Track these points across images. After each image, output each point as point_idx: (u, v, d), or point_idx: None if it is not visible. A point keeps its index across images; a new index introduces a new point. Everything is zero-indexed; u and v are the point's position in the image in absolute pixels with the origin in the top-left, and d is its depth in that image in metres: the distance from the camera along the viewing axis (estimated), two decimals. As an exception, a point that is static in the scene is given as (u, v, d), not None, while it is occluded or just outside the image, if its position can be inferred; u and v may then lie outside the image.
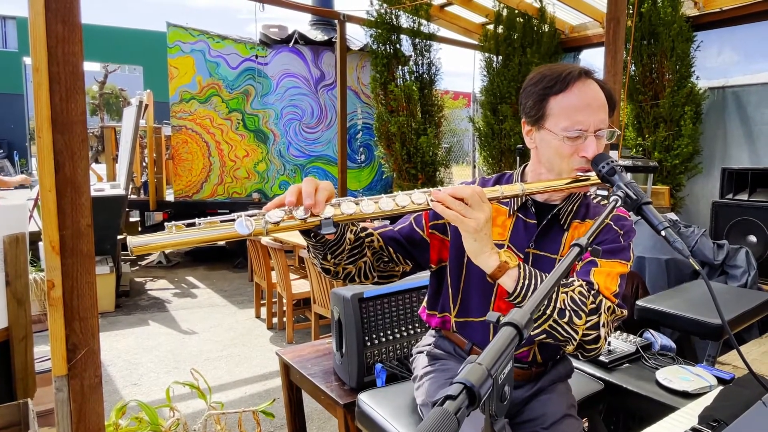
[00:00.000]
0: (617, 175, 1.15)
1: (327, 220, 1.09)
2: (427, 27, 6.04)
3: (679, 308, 2.50)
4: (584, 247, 0.94)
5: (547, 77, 1.27)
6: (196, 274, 6.44)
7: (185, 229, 1.01)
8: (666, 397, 1.78)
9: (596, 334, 1.16)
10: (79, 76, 1.59)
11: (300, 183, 1.11)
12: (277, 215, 1.06)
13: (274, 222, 1.05)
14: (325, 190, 1.10)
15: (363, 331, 1.98)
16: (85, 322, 1.68)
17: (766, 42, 5.00)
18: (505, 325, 0.72)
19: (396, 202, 1.14)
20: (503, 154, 6.26)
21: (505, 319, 0.72)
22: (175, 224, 1.00)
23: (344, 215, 1.11)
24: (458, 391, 0.60)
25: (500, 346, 0.68)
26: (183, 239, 1.00)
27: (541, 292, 0.82)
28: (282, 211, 1.07)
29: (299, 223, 1.08)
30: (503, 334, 0.70)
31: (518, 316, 0.72)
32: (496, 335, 0.71)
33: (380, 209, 1.13)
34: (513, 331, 0.71)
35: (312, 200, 1.07)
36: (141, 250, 0.97)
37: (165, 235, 1.00)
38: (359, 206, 1.12)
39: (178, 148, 6.66)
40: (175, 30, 6.52)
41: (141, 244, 0.97)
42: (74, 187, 1.61)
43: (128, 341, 4.25)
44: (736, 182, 4.17)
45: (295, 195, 1.08)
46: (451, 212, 1.11)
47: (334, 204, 1.11)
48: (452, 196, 1.13)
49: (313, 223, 1.09)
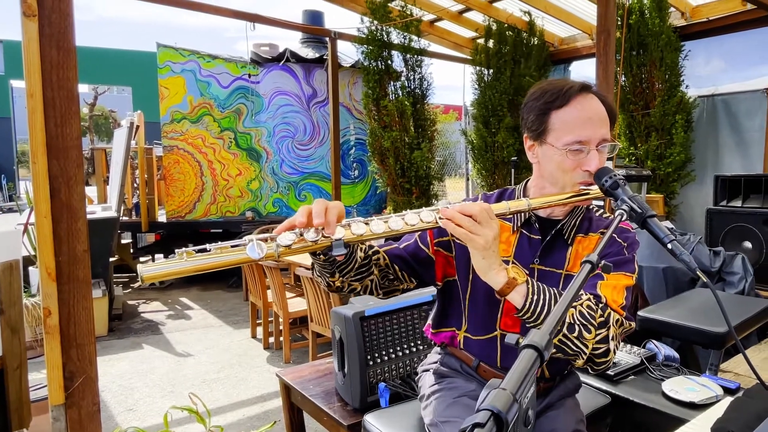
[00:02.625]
0: (620, 188, 1.15)
1: (338, 242, 1.09)
2: (417, 42, 6.08)
3: (681, 318, 2.49)
4: (596, 263, 0.93)
5: (548, 92, 1.28)
6: (189, 294, 6.37)
7: (196, 255, 1.00)
8: (673, 408, 1.77)
9: (606, 347, 1.17)
10: (74, 100, 1.59)
11: (310, 204, 1.11)
12: (289, 238, 1.05)
13: (286, 245, 1.05)
14: (335, 209, 1.09)
15: (365, 350, 1.96)
16: (83, 349, 1.66)
17: (752, 50, 5.07)
18: (526, 347, 0.71)
19: (405, 221, 1.14)
20: (497, 167, 6.28)
21: (526, 341, 0.71)
22: (186, 251, 1.00)
23: (355, 236, 1.11)
24: (486, 419, 0.58)
25: (523, 369, 0.67)
26: (194, 266, 0.99)
27: (558, 312, 0.81)
28: (293, 233, 1.07)
29: (310, 245, 1.08)
30: (525, 357, 0.69)
31: (538, 337, 0.71)
32: (518, 358, 0.69)
33: (390, 229, 1.13)
34: (534, 354, 0.70)
35: (322, 219, 1.07)
36: (152, 278, 0.95)
37: (176, 262, 0.99)
38: (369, 226, 1.12)
39: (169, 169, 6.62)
40: (165, 50, 6.52)
41: (152, 272, 0.96)
42: (70, 212, 1.60)
43: (122, 366, 4.17)
44: (729, 189, 4.19)
45: (305, 215, 1.08)
46: (461, 230, 1.12)
47: (344, 225, 1.11)
48: (461, 213, 1.13)
49: (324, 244, 1.09)
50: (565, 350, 1.16)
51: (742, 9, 4.91)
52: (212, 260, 1.00)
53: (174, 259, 0.99)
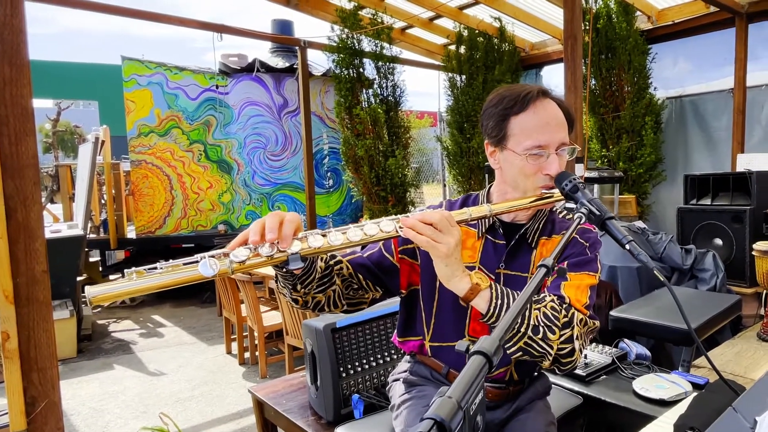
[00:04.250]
0: (580, 192, 1.19)
1: (294, 255, 1.07)
2: (389, 50, 6.06)
3: (652, 316, 2.52)
4: (550, 267, 0.96)
5: (506, 98, 1.30)
6: (161, 312, 6.20)
7: (147, 274, 0.96)
8: (643, 406, 1.80)
9: (571, 347, 1.18)
10: (28, 117, 1.54)
11: (265, 216, 1.08)
12: (243, 254, 1.03)
13: (240, 261, 1.02)
14: (291, 223, 1.08)
15: (337, 362, 1.94)
16: (44, 372, 1.59)
17: (717, 52, 5.17)
18: (475, 354, 0.72)
19: (364, 232, 1.13)
20: (472, 172, 6.29)
21: (474, 348, 0.73)
22: (135, 270, 0.96)
23: (312, 249, 1.09)
24: (428, 428, 0.59)
25: (470, 376, 0.68)
26: (144, 285, 0.96)
27: (510, 316, 0.83)
28: (247, 249, 1.05)
29: (265, 260, 1.06)
30: (473, 363, 0.71)
31: (487, 344, 0.73)
32: (466, 365, 0.71)
33: (349, 240, 1.11)
34: (482, 360, 0.71)
35: (275, 235, 1.05)
36: (100, 300, 0.90)
37: (125, 282, 0.95)
38: (327, 238, 1.10)
39: (138, 183, 6.46)
40: (130, 63, 6.38)
41: (100, 293, 0.91)
42: (28, 232, 1.53)
43: (92, 387, 4.02)
44: (698, 188, 4.27)
45: (258, 233, 1.06)
46: (423, 238, 1.12)
47: (300, 237, 1.09)
48: (421, 221, 1.13)
49: (279, 258, 1.07)
50: (531, 352, 1.17)
51: (705, 11, 5.02)
52: (163, 279, 0.97)
53: (123, 279, 0.96)
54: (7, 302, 1.46)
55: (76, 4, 4.80)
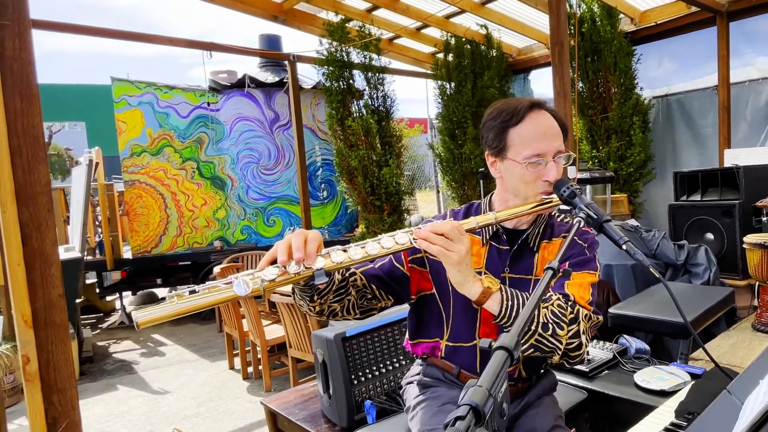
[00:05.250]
0: (578, 197, 1.27)
1: (319, 271, 1.15)
2: (378, 61, 6.12)
3: (649, 312, 2.59)
4: (556, 269, 1.04)
5: (504, 111, 1.39)
6: (161, 330, 6.18)
7: (187, 297, 1.04)
8: (645, 398, 1.87)
9: (578, 341, 1.27)
10: (40, 147, 1.58)
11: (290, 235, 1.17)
12: (272, 273, 1.11)
13: (270, 279, 1.10)
14: (314, 241, 1.16)
15: (349, 370, 1.99)
16: (64, 393, 1.62)
17: (700, 50, 5.27)
18: (498, 349, 0.80)
19: (382, 245, 1.21)
20: (465, 178, 6.34)
21: (497, 344, 0.81)
22: (176, 293, 1.05)
23: (335, 264, 1.17)
24: (466, 412, 0.67)
25: (496, 367, 0.76)
26: (187, 307, 1.03)
27: (525, 315, 0.90)
28: (276, 268, 1.12)
29: (293, 276, 1.13)
30: (497, 357, 0.79)
31: (507, 340, 0.81)
32: (491, 359, 0.78)
33: (368, 254, 1.20)
34: (505, 354, 0.79)
35: (302, 253, 1.13)
36: (147, 323, 0.97)
37: (168, 305, 1.03)
38: (348, 253, 1.18)
39: (132, 203, 6.46)
40: (120, 84, 6.39)
41: (147, 317, 0.98)
42: (43, 258, 1.57)
43: (97, 409, 4.00)
44: (688, 184, 4.33)
45: (285, 252, 1.14)
46: (436, 247, 1.20)
47: (324, 254, 1.17)
48: (434, 232, 1.21)
49: (306, 275, 1.15)
50: (542, 348, 1.24)
51: (687, 12, 5.13)
52: (202, 300, 1.04)
53: (166, 303, 1.02)
54: (27, 326, 1.48)
55: (72, 29, 4.82)
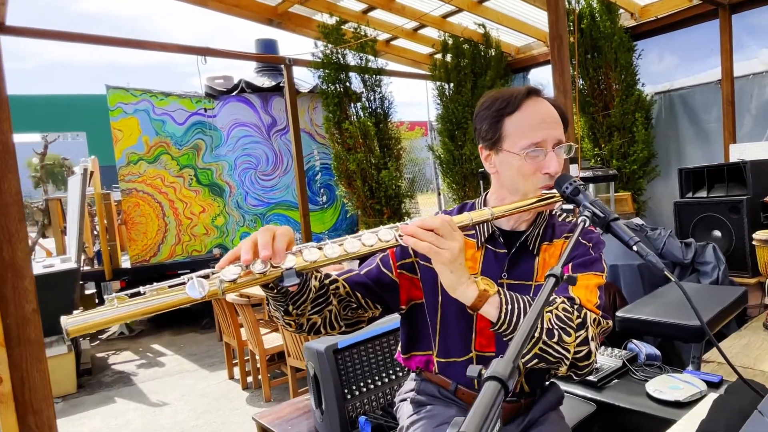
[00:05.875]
0: (582, 194, 1.15)
1: (289, 271, 0.99)
2: (375, 62, 6.04)
3: (659, 314, 2.48)
4: (559, 276, 0.91)
5: (498, 100, 1.27)
6: (161, 340, 6.11)
7: (129, 300, 0.88)
8: (659, 409, 1.74)
9: (587, 349, 1.13)
10: (10, 154, 1.48)
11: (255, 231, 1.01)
12: (233, 272, 0.95)
13: (230, 280, 0.94)
14: (283, 236, 1.01)
15: (342, 384, 1.88)
16: (40, 414, 1.52)
17: (702, 44, 5.18)
18: (488, 380, 0.67)
19: (362, 242, 1.05)
20: (466, 179, 6.26)
21: (488, 373, 0.68)
22: (117, 296, 0.87)
23: (307, 263, 1.01)
24: None
25: (485, 405, 0.63)
26: (128, 312, 0.88)
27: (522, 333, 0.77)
28: (238, 266, 0.96)
29: (258, 277, 0.97)
30: (487, 391, 0.65)
31: (501, 367, 0.68)
32: (480, 392, 0.65)
33: (346, 251, 1.04)
34: (497, 386, 0.66)
35: (269, 251, 0.97)
36: (78, 331, 0.82)
37: (105, 310, 0.86)
38: (323, 251, 1.03)
39: (129, 212, 6.39)
40: (115, 92, 6.33)
41: (77, 324, 0.83)
42: (15, 271, 1.46)
43: (94, 423, 3.92)
44: (693, 181, 4.26)
45: (250, 251, 0.98)
46: (424, 244, 1.05)
47: (295, 252, 1.02)
48: (421, 227, 1.07)
49: (274, 275, 0.99)
50: (547, 358, 1.11)
51: (688, 5, 5.04)
52: (147, 304, 0.89)
53: (103, 306, 0.86)
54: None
55: (60, 36, 4.76)
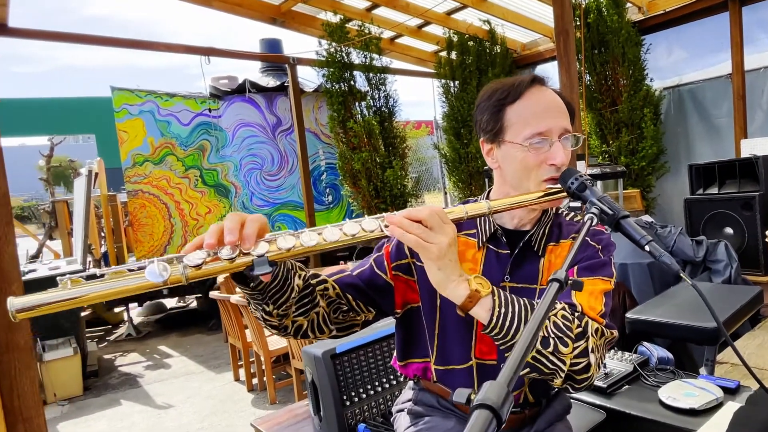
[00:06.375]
0: (588, 190, 1.07)
1: (260, 258, 0.90)
2: (379, 61, 6.00)
3: (671, 316, 2.40)
4: (563, 281, 0.84)
5: (499, 90, 1.20)
6: (168, 342, 6.10)
7: (84, 282, 0.81)
8: (673, 417, 1.64)
9: (586, 361, 1.04)
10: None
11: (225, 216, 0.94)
12: (198, 257, 0.87)
13: (195, 265, 0.87)
14: (254, 222, 0.93)
15: (340, 390, 1.80)
16: (30, 422, 1.48)
17: (711, 38, 5.09)
18: (479, 407, 0.60)
19: (344, 231, 0.97)
20: (472, 177, 6.21)
21: (477, 400, 0.61)
22: (70, 278, 0.80)
23: (281, 251, 0.92)
24: None
25: None
26: (81, 296, 0.80)
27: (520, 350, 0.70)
28: (204, 252, 0.89)
29: (226, 264, 0.89)
30: (477, 421, 0.59)
31: (492, 394, 0.61)
32: (469, 422, 0.59)
33: (326, 240, 0.95)
34: (488, 416, 0.59)
35: (235, 236, 0.89)
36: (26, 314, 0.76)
37: (57, 291, 0.79)
38: (299, 239, 0.94)
39: (136, 214, 6.39)
40: (120, 93, 6.32)
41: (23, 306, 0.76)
42: (1, 276, 1.42)
43: (99, 426, 3.91)
44: (704, 177, 4.20)
45: (215, 235, 0.90)
46: (411, 237, 0.97)
47: (269, 239, 0.93)
48: (408, 218, 0.98)
49: (243, 263, 0.90)
50: (541, 369, 1.03)
51: (696, -2, 4.95)
52: (103, 289, 0.82)
53: (55, 289, 0.80)
54: None
55: (65, 37, 4.76)
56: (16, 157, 28.56)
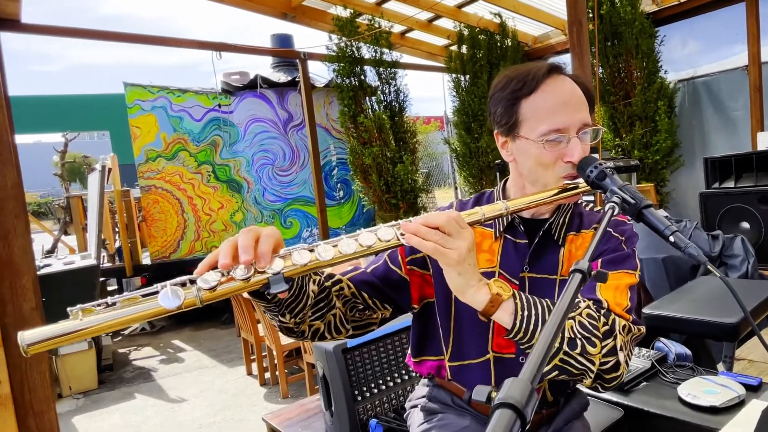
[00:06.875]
0: (609, 178, 1.02)
1: (276, 276, 0.88)
2: (389, 55, 5.97)
3: (690, 311, 2.37)
4: (586, 271, 0.79)
5: (514, 79, 1.14)
6: (182, 336, 6.15)
7: (96, 312, 0.79)
8: (693, 415, 1.61)
9: (615, 360, 1.01)
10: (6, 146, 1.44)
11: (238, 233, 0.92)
12: (213, 278, 0.85)
13: (209, 288, 0.85)
14: (269, 238, 0.90)
15: (351, 385, 1.78)
16: (41, 417, 1.48)
17: (727, 29, 5.01)
18: (501, 407, 0.55)
19: (359, 243, 0.95)
20: (483, 172, 6.17)
21: (499, 398, 0.56)
22: (82, 308, 0.78)
23: (297, 267, 0.90)
24: None
25: None
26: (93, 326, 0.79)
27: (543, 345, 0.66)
28: (217, 272, 0.87)
29: (241, 284, 0.87)
30: (499, 421, 0.54)
31: (516, 392, 0.56)
32: (491, 423, 0.54)
33: (341, 253, 0.93)
34: (512, 416, 0.54)
35: (250, 255, 0.87)
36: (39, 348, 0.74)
37: (69, 322, 0.78)
38: (315, 253, 0.92)
39: (149, 209, 6.44)
40: (133, 89, 6.36)
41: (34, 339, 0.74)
42: (12, 269, 1.42)
43: (113, 419, 3.96)
44: (720, 170, 4.14)
45: (228, 254, 0.88)
46: (429, 244, 0.95)
47: (283, 255, 0.91)
48: (425, 225, 0.96)
49: (259, 281, 0.89)
50: (569, 370, 1.00)
51: (712, -12, 4.87)
52: (115, 317, 0.80)
53: (66, 320, 0.77)
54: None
55: (77, 33, 4.79)
56: (32, 154, 28.91)
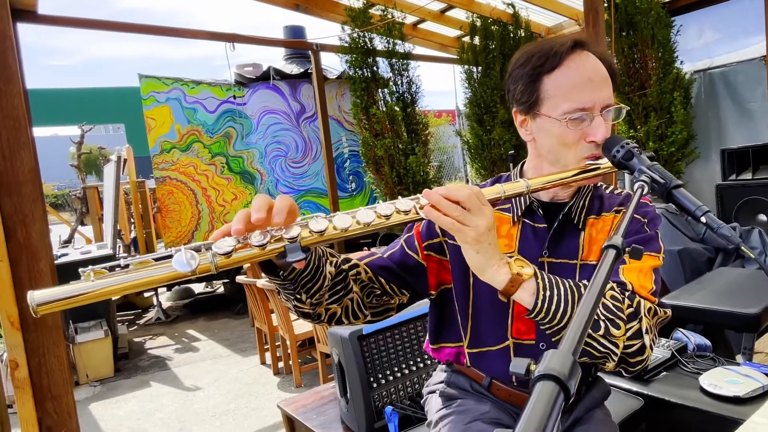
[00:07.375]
0: (636, 158, 0.99)
1: (293, 244, 0.85)
2: (402, 46, 5.95)
3: (710, 302, 2.36)
4: (621, 248, 0.75)
5: (535, 55, 1.10)
6: (196, 326, 6.23)
7: (108, 274, 0.78)
8: (715, 405, 1.59)
9: (640, 343, 0.99)
10: (22, 130, 1.43)
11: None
12: (228, 244, 0.82)
13: (224, 253, 0.81)
14: (283, 199, 0.87)
15: (367, 372, 1.79)
16: (59, 400, 1.50)
17: (745, 18, 4.94)
18: (541, 379, 0.51)
19: (378, 212, 0.92)
20: (495, 164, 6.14)
21: (541, 370, 0.52)
22: (93, 269, 0.77)
23: (314, 235, 0.87)
24: None
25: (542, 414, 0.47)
26: (105, 288, 0.77)
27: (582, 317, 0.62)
28: (233, 239, 0.83)
29: (257, 251, 0.84)
30: (542, 394, 0.50)
31: (557, 363, 0.51)
32: (532, 396, 0.51)
33: (359, 222, 0.90)
34: (554, 388, 0.50)
35: (263, 214, 0.84)
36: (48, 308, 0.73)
37: (80, 284, 0.76)
38: (332, 222, 0.89)
39: (164, 200, 6.50)
40: (148, 81, 6.41)
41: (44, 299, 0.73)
42: (30, 253, 1.44)
43: (130, 406, 4.03)
44: (737, 162, 4.10)
45: (243, 221, 0.84)
46: (447, 219, 0.92)
47: (300, 223, 0.88)
48: (446, 198, 0.93)
49: (275, 250, 0.85)
50: (592, 353, 0.98)
51: (729, -23, 4.80)
52: (127, 280, 0.78)
53: (78, 281, 0.76)
54: (13, 329, 1.38)
55: (93, 24, 4.84)
56: (49, 147, 29.27)
